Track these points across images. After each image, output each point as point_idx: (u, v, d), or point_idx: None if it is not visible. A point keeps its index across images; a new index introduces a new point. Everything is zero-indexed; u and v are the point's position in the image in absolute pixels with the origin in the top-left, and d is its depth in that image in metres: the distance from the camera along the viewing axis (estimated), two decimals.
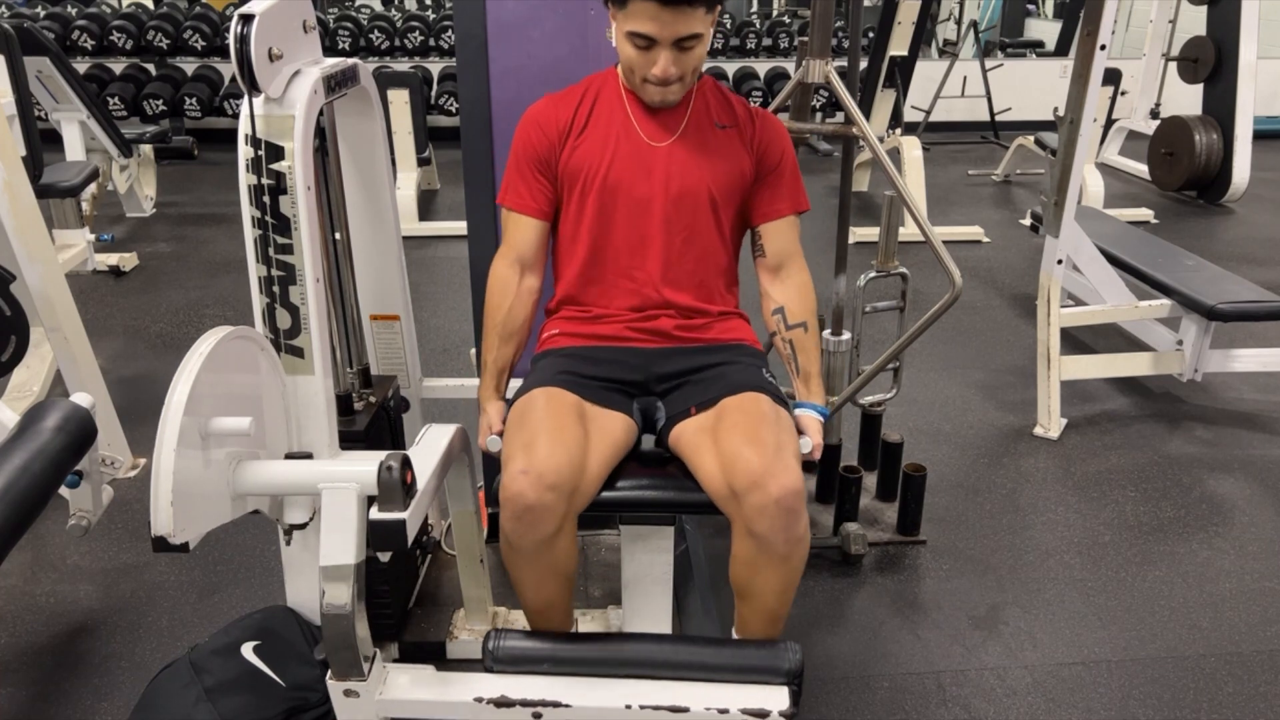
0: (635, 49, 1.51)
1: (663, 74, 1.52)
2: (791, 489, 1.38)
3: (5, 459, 1.57)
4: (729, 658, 1.48)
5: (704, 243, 1.65)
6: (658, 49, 1.50)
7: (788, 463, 1.40)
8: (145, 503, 2.49)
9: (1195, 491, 2.66)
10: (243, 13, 1.39)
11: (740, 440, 1.43)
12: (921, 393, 3.22)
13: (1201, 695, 1.92)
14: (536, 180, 1.63)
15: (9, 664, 1.96)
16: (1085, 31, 2.64)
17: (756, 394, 1.53)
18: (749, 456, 1.40)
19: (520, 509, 1.40)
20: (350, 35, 7.13)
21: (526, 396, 1.54)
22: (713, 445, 1.46)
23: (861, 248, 4.39)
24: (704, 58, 1.55)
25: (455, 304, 3.97)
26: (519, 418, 1.51)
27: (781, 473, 1.38)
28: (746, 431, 1.44)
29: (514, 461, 1.41)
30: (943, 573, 2.30)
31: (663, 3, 1.43)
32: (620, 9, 1.49)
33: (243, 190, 1.47)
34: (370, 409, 1.84)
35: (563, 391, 1.53)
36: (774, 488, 1.37)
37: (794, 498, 1.39)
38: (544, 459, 1.40)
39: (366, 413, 1.83)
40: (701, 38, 1.50)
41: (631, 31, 1.49)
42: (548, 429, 1.45)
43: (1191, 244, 4.05)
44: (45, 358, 2.90)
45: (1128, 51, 7.47)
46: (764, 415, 1.49)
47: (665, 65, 1.51)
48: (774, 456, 1.40)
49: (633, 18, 1.47)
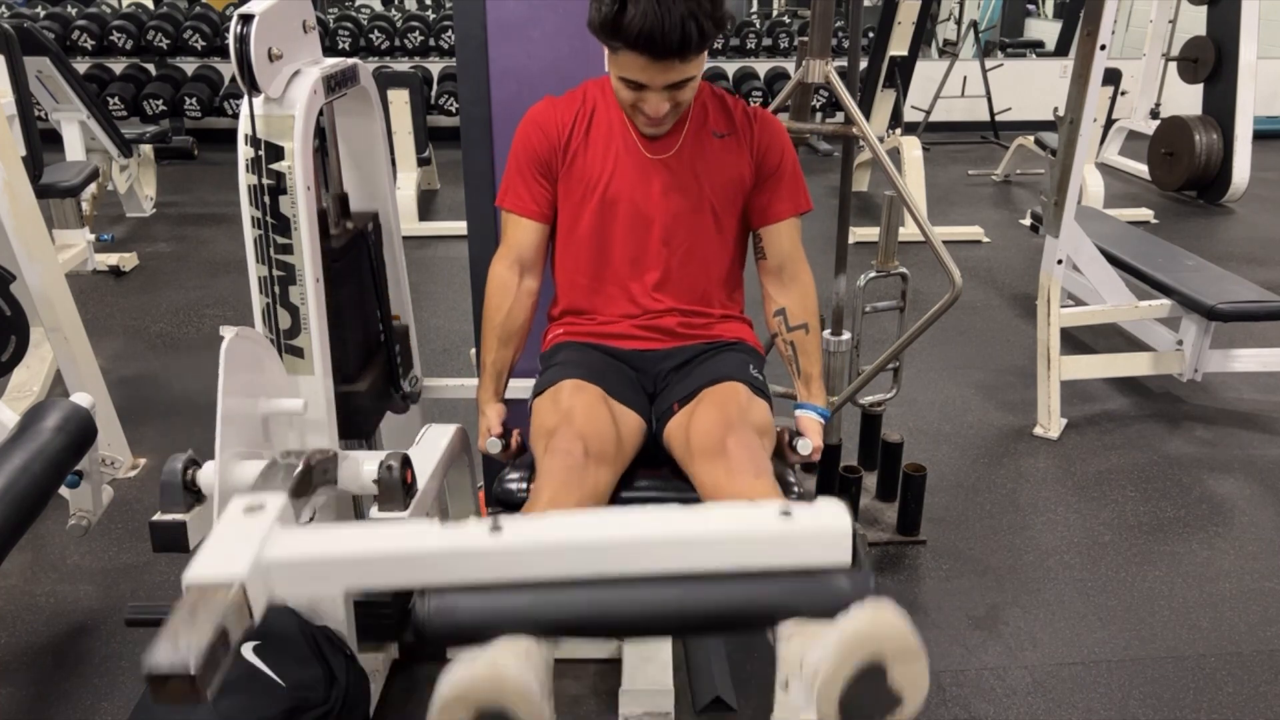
0: (627, 89, 1.50)
1: (654, 114, 1.51)
2: (746, 442, 1.40)
3: (5, 459, 1.57)
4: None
5: (705, 255, 1.65)
6: (649, 91, 1.48)
7: (747, 433, 1.42)
8: (145, 503, 2.50)
9: (1195, 491, 2.66)
10: (243, 13, 1.39)
11: (708, 423, 1.45)
12: (921, 393, 3.22)
13: (1201, 695, 1.92)
14: (537, 182, 1.63)
15: (9, 664, 1.96)
16: (1085, 31, 2.64)
17: (734, 383, 1.55)
18: (709, 424, 1.43)
19: (567, 467, 1.38)
20: (350, 35, 7.12)
21: (554, 387, 1.55)
22: (687, 434, 1.49)
23: (861, 248, 4.39)
24: (696, 89, 1.54)
25: (455, 304, 3.97)
26: (550, 404, 1.52)
27: (741, 434, 1.41)
28: (715, 414, 1.47)
29: (558, 435, 1.42)
30: (942, 573, 2.30)
31: (651, 58, 1.41)
32: (612, 54, 1.47)
33: (243, 190, 1.47)
34: (347, 234, 1.80)
35: (589, 384, 1.54)
36: (731, 442, 1.39)
37: (747, 450, 1.39)
38: (584, 426, 1.43)
39: (343, 236, 1.78)
40: (694, 77, 1.49)
41: (623, 76, 1.48)
42: (583, 409, 1.47)
43: (1191, 244, 4.04)
44: (45, 358, 2.90)
45: (1128, 51, 7.46)
46: (737, 401, 1.51)
47: (656, 106, 1.49)
48: (736, 421, 1.43)
49: (623, 65, 1.46)
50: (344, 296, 1.71)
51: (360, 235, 1.82)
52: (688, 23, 1.36)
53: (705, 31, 1.39)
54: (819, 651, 0.98)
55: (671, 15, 1.35)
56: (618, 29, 1.38)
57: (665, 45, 1.38)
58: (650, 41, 1.37)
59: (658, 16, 1.35)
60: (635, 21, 1.36)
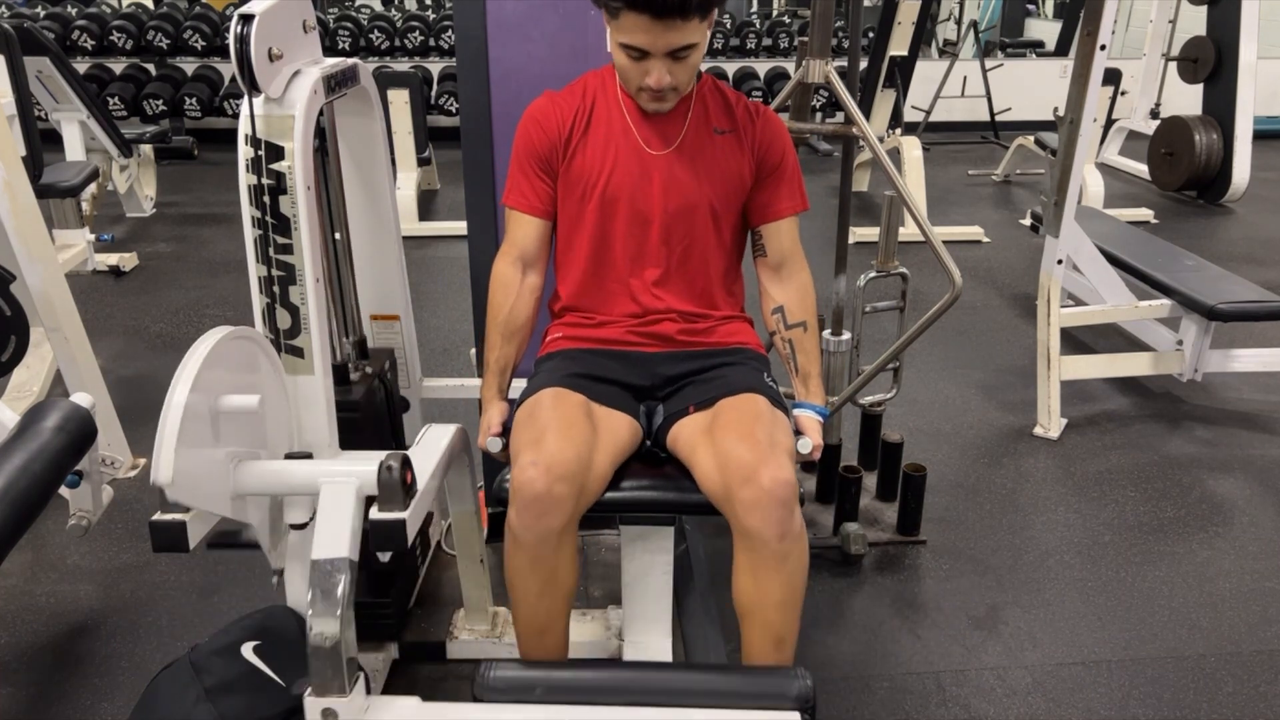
0: (629, 58, 1.49)
1: (657, 84, 1.50)
2: (783, 480, 1.38)
3: (5, 459, 1.57)
4: (735, 684, 1.39)
5: (704, 252, 1.65)
6: (651, 59, 1.47)
7: (780, 459, 1.41)
8: (145, 503, 2.50)
9: (1195, 491, 2.66)
10: (243, 13, 1.39)
11: (734, 438, 1.43)
12: (921, 393, 3.22)
13: (1201, 695, 1.92)
14: (539, 179, 1.63)
15: (9, 664, 1.96)
16: (1085, 31, 2.64)
17: (754, 395, 1.53)
18: (742, 453, 1.40)
19: (529, 498, 1.39)
20: (350, 35, 7.13)
21: (534, 397, 1.54)
22: (709, 444, 1.47)
23: (861, 248, 4.39)
24: (700, 63, 1.54)
25: (455, 304, 3.97)
26: (527, 416, 1.51)
27: (774, 466, 1.39)
28: (740, 429, 1.45)
29: (523, 455, 1.41)
30: (943, 573, 2.30)
31: (654, 16, 1.40)
32: (613, 19, 1.46)
33: (243, 190, 1.47)
34: (366, 380, 1.82)
35: (570, 392, 1.53)
36: (765, 479, 1.37)
37: (785, 488, 1.38)
38: (554, 452, 1.40)
39: (363, 383, 1.80)
40: (696, 46, 1.48)
41: (624, 43, 1.47)
42: (556, 426, 1.45)
43: (1191, 244, 4.05)
44: (45, 358, 2.90)
45: (1128, 51, 7.46)
46: (759, 415, 1.49)
47: (659, 75, 1.49)
48: (767, 451, 1.41)
49: (625, 29, 1.45)
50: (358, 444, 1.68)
51: (379, 380, 1.86)
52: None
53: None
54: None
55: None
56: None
57: (665, 2, 1.38)
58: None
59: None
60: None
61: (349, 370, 1.83)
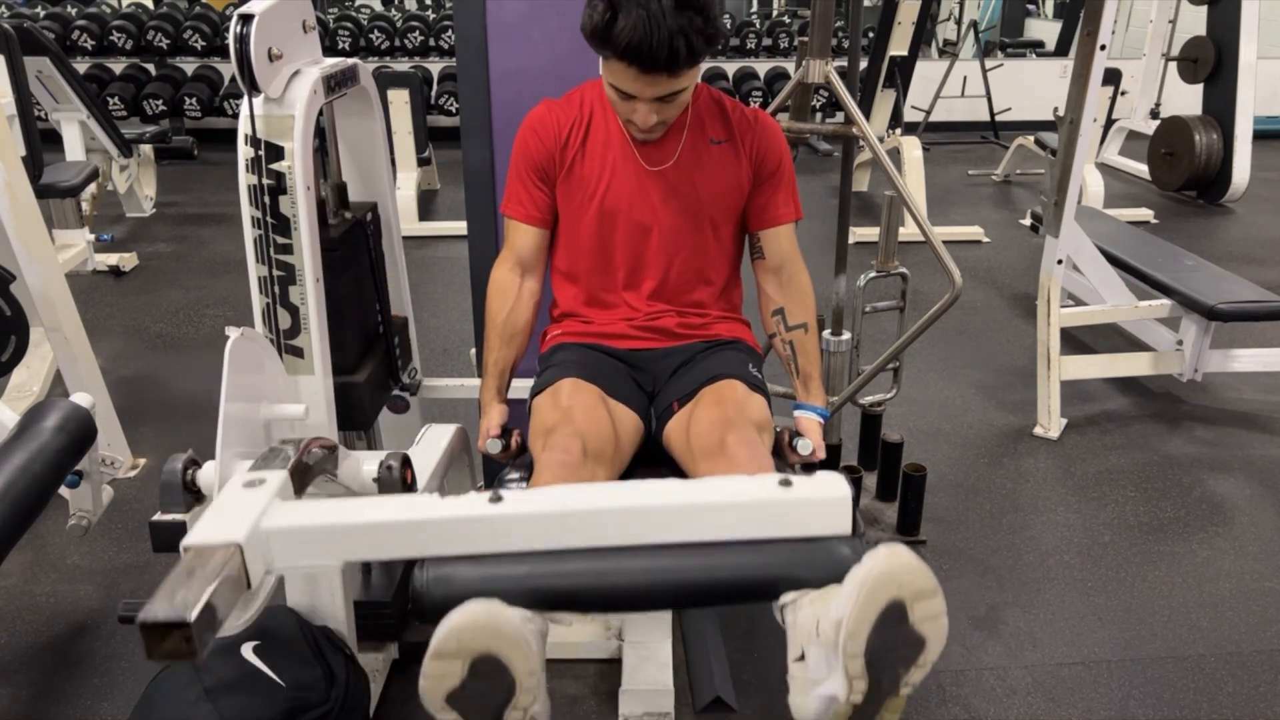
0: (618, 96, 1.49)
1: (643, 124, 1.50)
2: (747, 439, 1.40)
3: (5, 459, 1.57)
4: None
5: (703, 261, 1.65)
6: (638, 101, 1.47)
7: (745, 431, 1.43)
8: (145, 503, 2.50)
9: (1195, 491, 2.66)
10: (242, 13, 1.39)
11: (706, 420, 1.46)
12: (921, 393, 3.22)
13: (1201, 695, 1.92)
14: (537, 188, 1.63)
15: (9, 664, 1.96)
16: (1085, 31, 2.64)
17: (732, 380, 1.55)
18: (707, 427, 1.44)
19: (563, 468, 1.37)
20: (350, 35, 7.12)
21: (553, 386, 1.55)
22: (683, 430, 1.50)
23: (861, 248, 4.39)
24: (687, 101, 1.53)
25: (455, 304, 3.97)
26: (549, 401, 1.52)
27: (741, 430, 1.41)
28: (712, 412, 1.48)
29: (558, 430, 1.42)
30: (942, 573, 2.29)
31: (641, 70, 1.40)
32: (604, 60, 1.46)
33: (242, 190, 1.47)
34: (345, 224, 1.79)
35: (587, 383, 1.54)
36: (730, 444, 1.39)
37: (748, 448, 1.39)
38: (585, 426, 1.43)
39: (341, 226, 1.78)
40: (686, 89, 1.47)
41: (613, 84, 1.47)
42: (583, 408, 1.47)
43: (1191, 244, 4.04)
44: (45, 358, 2.90)
45: (1128, 51, 7.46)
46: (735, 398, 1.51)
47: (645, 116, 1.48)
48: (734, 418, 1.44)
49: (614, 73, 1.45)
50: (342, 286, 1.71)
51: (359, 225, 1.82)
52: (677, 39, 1.35)
53: (695, 49, 1.38)
54: (839, 604, 0.98)
55: (661, 30, 1.34)
56: (607, 38, 1.38)
57: (654, 59, 1.37)
58: (639, 54, 1.36)
59: (648, 30, 1.34)
60: (625, 33, 1.35)
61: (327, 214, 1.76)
